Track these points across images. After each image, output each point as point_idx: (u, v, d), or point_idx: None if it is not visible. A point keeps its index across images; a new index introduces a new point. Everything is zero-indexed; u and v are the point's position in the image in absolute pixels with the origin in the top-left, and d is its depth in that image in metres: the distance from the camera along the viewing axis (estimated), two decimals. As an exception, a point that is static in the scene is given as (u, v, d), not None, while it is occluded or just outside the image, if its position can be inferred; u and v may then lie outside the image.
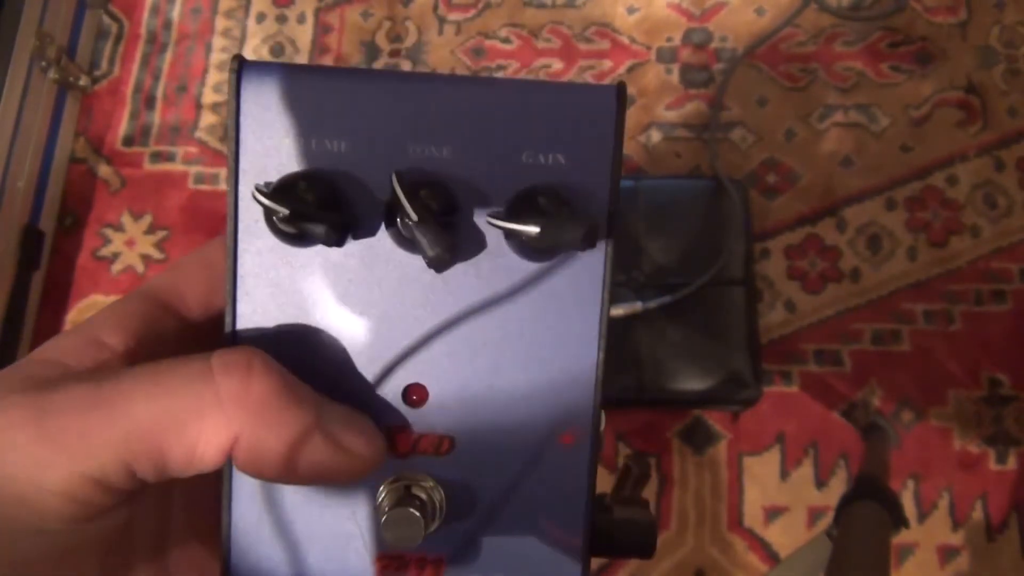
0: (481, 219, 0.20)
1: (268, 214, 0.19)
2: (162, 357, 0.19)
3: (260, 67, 0.19)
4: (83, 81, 0.98)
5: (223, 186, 0.94)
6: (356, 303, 0.20)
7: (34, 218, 0.91)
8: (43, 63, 0.91)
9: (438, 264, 0.19)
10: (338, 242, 0.19)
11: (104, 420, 0.17)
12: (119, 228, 0.95)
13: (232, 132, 0.19)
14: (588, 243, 0.19)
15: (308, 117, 0.19)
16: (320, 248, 0.20)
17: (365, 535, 0.21)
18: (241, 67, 0.19)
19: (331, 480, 0.19)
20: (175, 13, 1.02)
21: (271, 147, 0.19)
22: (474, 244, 0.20)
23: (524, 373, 0.21)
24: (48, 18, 0.92)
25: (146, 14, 1.02)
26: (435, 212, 0.19)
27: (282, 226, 0.19)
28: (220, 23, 1.01)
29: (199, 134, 0.97)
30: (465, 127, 0.20)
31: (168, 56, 1.00)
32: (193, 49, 1.00)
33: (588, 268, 0.20)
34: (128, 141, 0.98)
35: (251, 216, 0.20)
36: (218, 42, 1.00)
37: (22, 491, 0.17)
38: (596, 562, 0.82)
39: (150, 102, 0.99)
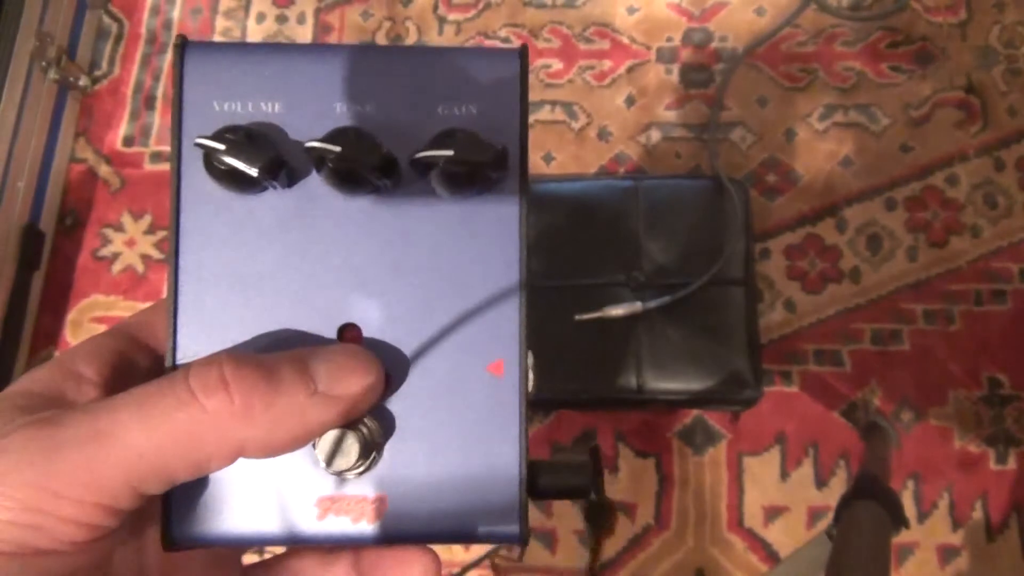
0: (404, 162, 0.21)
1: (208, 160, 0.20)
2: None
3: (202, 46, 0.22)
4: (83, 81, 0.98)
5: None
6: (296, 246, 0.21)
7: (34, 218, 0.92)
8: (43, 63, 0.91)
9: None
10: (273, 177, 0.21)
11: (108, 451, 0.18)
12: (119, 228, 0.95)
13: (176, 100, 0.21)
14: (499, 166, 0.21)
15: (245, 85, 0.21)
16: (259, 198, 0.21)
17: (306, 476, 0.21)
18: (184, 46, 0.21)
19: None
20: (175, 13, 1.02)
21: (212, 110, 0.21)
22: (404, 185, 0.22)
23: (451, 304, 0.22)
24: (48, 18, 0.92)
25: (146, 14, 1.02)
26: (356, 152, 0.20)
27: (221, 163, 0.20)
28: (220, 23, 1.01)
29: (199, 134, 0.97)
30: (386, 87, 0.22)
31: (168, 56, 1.00)
32: (193, 49, 1.00)
33: (505, 199, 0.22)
34: (128, 141, 0.98)
35: (194, 172, 0.21)
36: (218, 42, 1.00)
37: (37, 521, 0.17)
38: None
39: (150, 102, 0.99)
